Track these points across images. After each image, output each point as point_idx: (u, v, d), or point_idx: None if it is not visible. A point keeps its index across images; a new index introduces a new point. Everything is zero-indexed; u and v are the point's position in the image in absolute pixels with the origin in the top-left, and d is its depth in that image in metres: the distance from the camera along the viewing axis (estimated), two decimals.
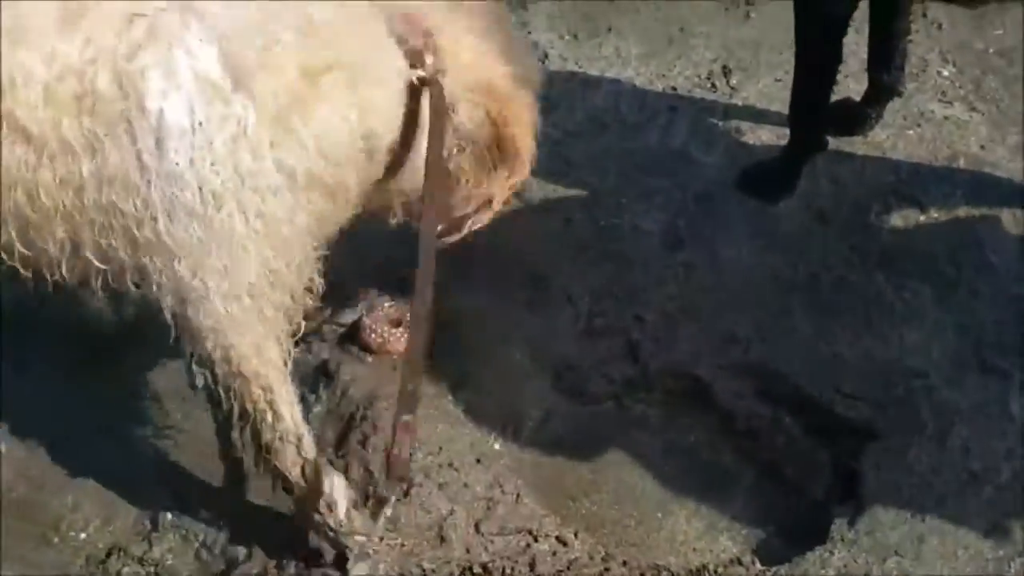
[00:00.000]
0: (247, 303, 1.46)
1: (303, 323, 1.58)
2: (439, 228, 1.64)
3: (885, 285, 2.04)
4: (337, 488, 1.63)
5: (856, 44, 2.29)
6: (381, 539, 1.65)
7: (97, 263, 1.44)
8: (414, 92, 1.52)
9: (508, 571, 1.65)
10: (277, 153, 1.39)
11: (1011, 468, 1.72)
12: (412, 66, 1.50)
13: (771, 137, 2.37)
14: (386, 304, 2.03)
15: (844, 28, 2.00)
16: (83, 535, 1.78)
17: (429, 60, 1.51)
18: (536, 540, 1.70)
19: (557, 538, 1.71)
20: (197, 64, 1.35)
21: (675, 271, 2.11)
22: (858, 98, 2.35)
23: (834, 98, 2.25)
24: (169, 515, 1.77)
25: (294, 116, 1.39)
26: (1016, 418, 1.78)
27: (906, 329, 1.97)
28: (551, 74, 2.62)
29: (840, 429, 1.83)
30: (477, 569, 1.66)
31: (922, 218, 2.16)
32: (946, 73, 2.49)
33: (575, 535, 1.72)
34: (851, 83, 2.39)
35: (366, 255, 2.20)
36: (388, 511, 1.65)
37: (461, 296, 2.12)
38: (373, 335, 1.97)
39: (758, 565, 1.70)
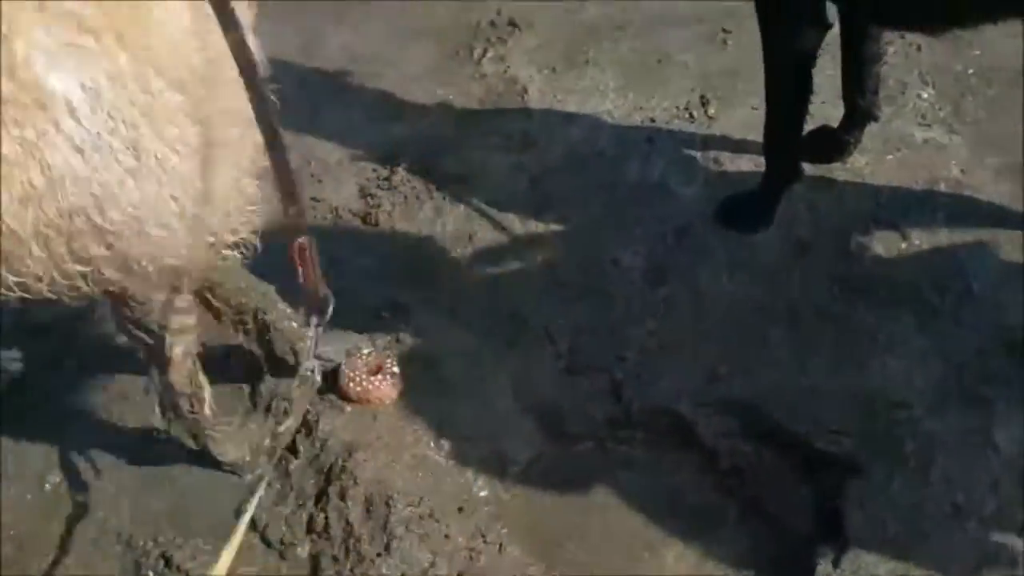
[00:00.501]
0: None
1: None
2: None
3: (866, 314, 2.03)
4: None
5: (832, 69, 2.29)
6: None
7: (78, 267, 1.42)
8: None
9: None
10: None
11: (996, 500, 1.70)
12: None
13: (750, 166, 2.37)
14: (364, 351, 2.02)
15: (812, 60, 2.00)
16: None
17: None
18: None
19: None
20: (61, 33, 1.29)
21: (656, 306, 2.10)
22: (835, 124, 2.35)
23: (811, 125, 2.25)
24: None
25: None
26: (1000, 449, 1.77)
27: (888, 359, 1.96)
28: (531, 110, 2.65)
29: (823, 464, 1.82)
30: None
31: (903, 245, 2.15)
32: (925, 96, 2.48)
33: None
34: (828, 109, 2.38)
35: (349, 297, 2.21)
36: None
37: (441, 335, 2.12)
38: (352, 384, 1.97)
39: None
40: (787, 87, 2.05)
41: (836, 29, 2.07)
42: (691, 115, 2.54)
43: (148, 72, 1.36)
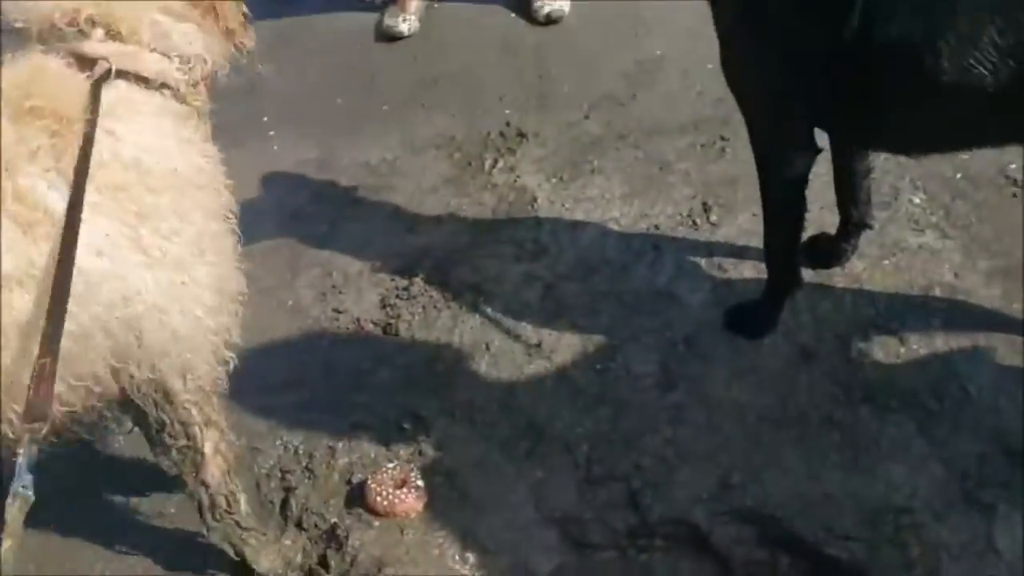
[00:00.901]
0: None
1: None
2: None
3: (870, 419, 2.12)
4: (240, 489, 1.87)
5: (828, 174, 2.41)
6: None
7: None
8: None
9: None
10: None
11: None
12: None
13: (753, 272, 2.48)
14: (389, 466, 2.11)
15: (805, 181, 2.11)
16: None
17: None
18: None
19: None
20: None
21: (669, 414, 2.19)
22: (831, 229, 2.46)
23: (810, 230, 2.36)
24: None
25: None
26: (1002, 553, 1.84)
27: (892, 464, 2.04)
28: (541, 218, 2.78)
29: (835, 570, 1.89)
30: None
31: (902, 350, 2.25)
32: (917, 201, 2.61)
33: None
34: (825, 215, 2.50)
35: (372, 410, 2.31)
36: None
37: (461, 447, 2.21)
38: (379, 498, 2.05)
39: None
40: (782, 206, 2.17)
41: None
42: (694, 222, 2.66)
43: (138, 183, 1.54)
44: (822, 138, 2.09)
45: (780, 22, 1.87)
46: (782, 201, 2.16)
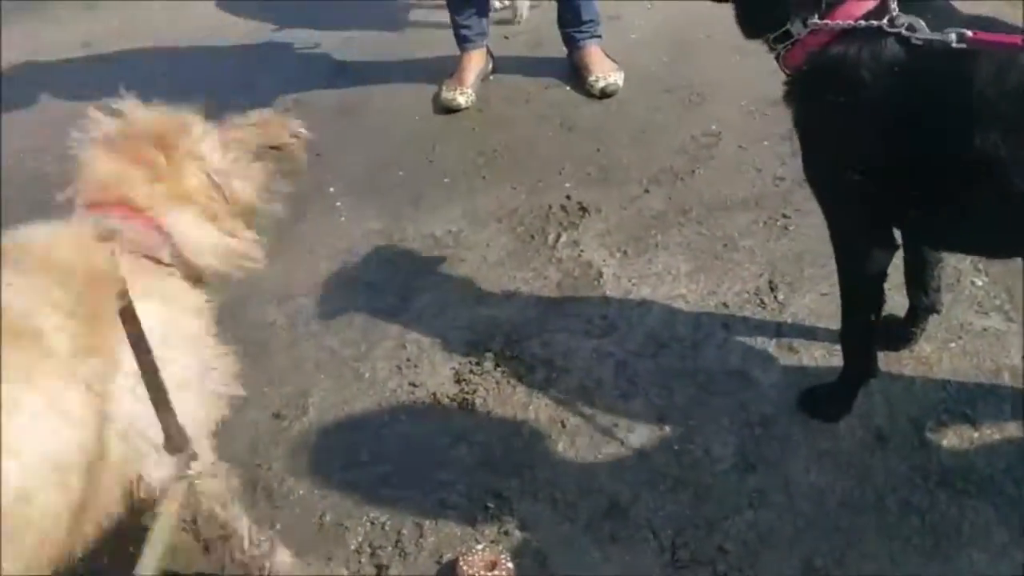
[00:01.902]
0: None
1: None
2: None
3: (948, 505, 2.16)
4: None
5: (898, 258, 2.47)
6: None
7: None
8: None
9: None
10: None
11: None
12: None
13: (823, 354, 2.54)
14: (479, 546, 2.15)
15: (883, 276, 2.17)
16: None
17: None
18: None
19: None
20: None
21: (750, 497, 2.23)
22: (899, 310, 2.52)
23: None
24: None
25: None
26: None
27: (973, 551, 2.08)
28: (607, 294, 2.84)
29: None
30: None
31: (975, 435, 2.30)
32: (979, 283, 2.67)
33: None
34: (892, 295, 2.55)
35: (455, 488, 2.35)
36: None
37: (546, 528, 2.25)
38: None
39: None
40: (860, 298, 2.22)
41: None
42: (761, 301, 2.73)
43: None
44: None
45: (858, 130, 1.94)
46: (860, 293, 2.22)
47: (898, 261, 2.42)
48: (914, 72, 1.82)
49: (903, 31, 1.81)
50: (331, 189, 3.35)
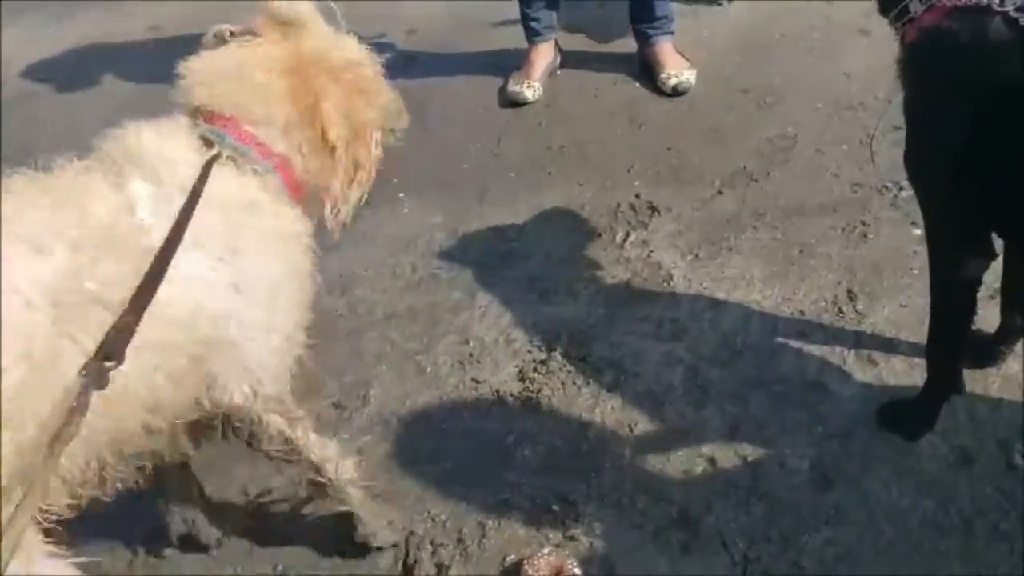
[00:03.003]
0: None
1: None
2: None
3: None
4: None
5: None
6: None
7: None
8: None
9: None
10: None
11: None
12: None
13: (904, 367, 2.43)
14: (545, 551, 2.09)
15: (977, 285, 2.07)
16: None
17: None
18: None
19: None
20: None
21: (827, 513, 2.14)
22: (985, 325, 2.41)
23: None
24: None
25: None
26: None
27: None
28: (678, 296, 2.76)
29: None
30: None
31: None
32: None
33: None
34: (980, 310, 2.45)
35: (520, 490, 2.29)
36: None
37: (613, 534, 2.18)
38: None
39: None
40: (950, 307, 2.12)
41: None
42: (840, 310, 2.63)
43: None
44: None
45: (963, 113, 1.84)
46: (951, 302, 2.12)
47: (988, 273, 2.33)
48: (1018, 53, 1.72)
49: (1011, 11, 1.71)
50: (394, 180, 3.30)
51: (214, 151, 1.69)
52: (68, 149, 1.66)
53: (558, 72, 3.77)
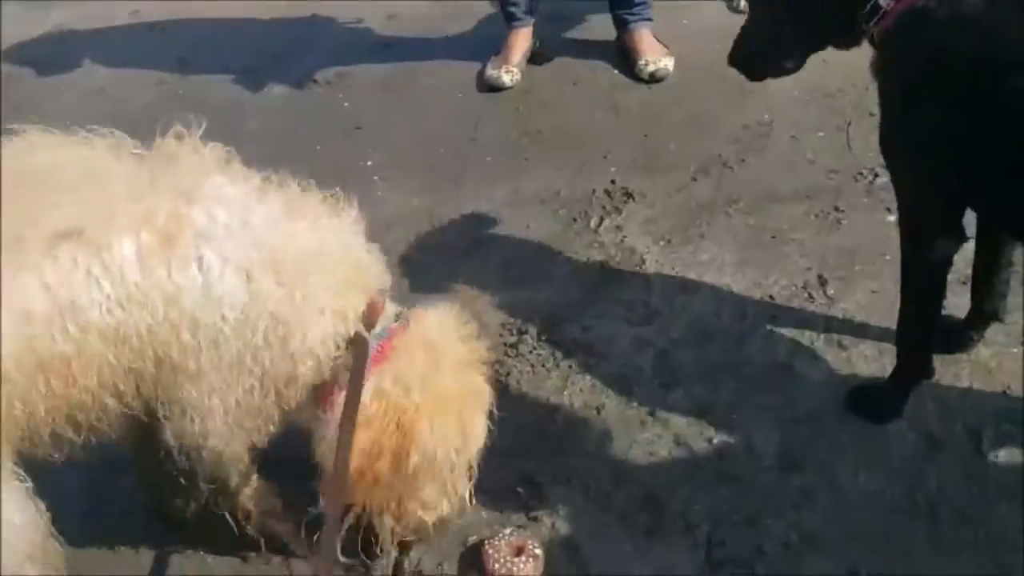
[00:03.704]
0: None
1: None
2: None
3: (1006, 518, 2.04)
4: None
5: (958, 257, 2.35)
6: None
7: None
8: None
9: None
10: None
11: None
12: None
13: (874, 352, 2.42)
14: (506, 531, 2.07)
15: (947, 267, 2.06)
16: None
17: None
18: None
19: None
20: None
21: (793, 496, 2.13)
22: (956, 311, 2.40)
23: None
24: None
25: None
26: None
27: None
28: (650, 281, 2.74)
29: None
30: None
31: None
32: None
33: None
34: (950, 296, 2.44)
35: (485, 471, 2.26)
36: None
37: (577, 516, 2.16)
38: (496, 564, 1.99)
39: None
40: (922, 290, 2.11)
41: None
42: (810, 295, 2.61)
43: None
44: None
45: (938, 90, 1.83)
46: (922, 283, 2.11)
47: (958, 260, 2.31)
48: (998, 27, 1.71)
49: None
50: (369, 163, 3.27)
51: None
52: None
53: (540, 65, 3.72)
